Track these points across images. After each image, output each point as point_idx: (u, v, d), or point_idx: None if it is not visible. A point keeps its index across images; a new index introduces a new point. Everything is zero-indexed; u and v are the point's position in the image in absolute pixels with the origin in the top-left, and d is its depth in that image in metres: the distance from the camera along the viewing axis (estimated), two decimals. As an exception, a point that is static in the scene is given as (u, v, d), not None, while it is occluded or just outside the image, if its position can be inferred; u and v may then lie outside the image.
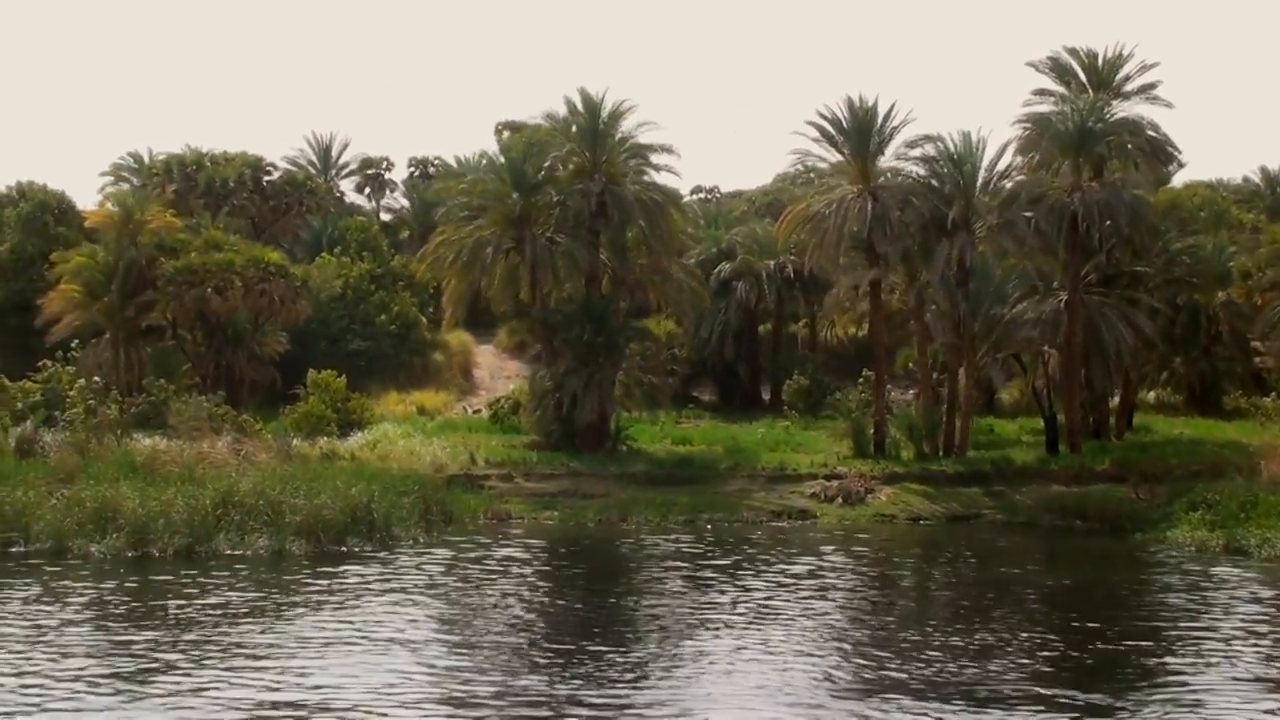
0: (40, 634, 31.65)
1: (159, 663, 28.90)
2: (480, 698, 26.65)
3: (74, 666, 28.51)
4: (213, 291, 64.03)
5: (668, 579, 40.83)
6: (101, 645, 30.78)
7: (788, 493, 54.13)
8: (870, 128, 58.32)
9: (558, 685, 27.49)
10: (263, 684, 27.30)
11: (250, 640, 31.20)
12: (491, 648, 31.17)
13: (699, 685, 27.89)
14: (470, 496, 52.33)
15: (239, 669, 28.48)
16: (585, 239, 59.06)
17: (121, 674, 27.99)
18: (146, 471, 49.85)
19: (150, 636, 31.49)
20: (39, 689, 26.75)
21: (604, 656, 30.12)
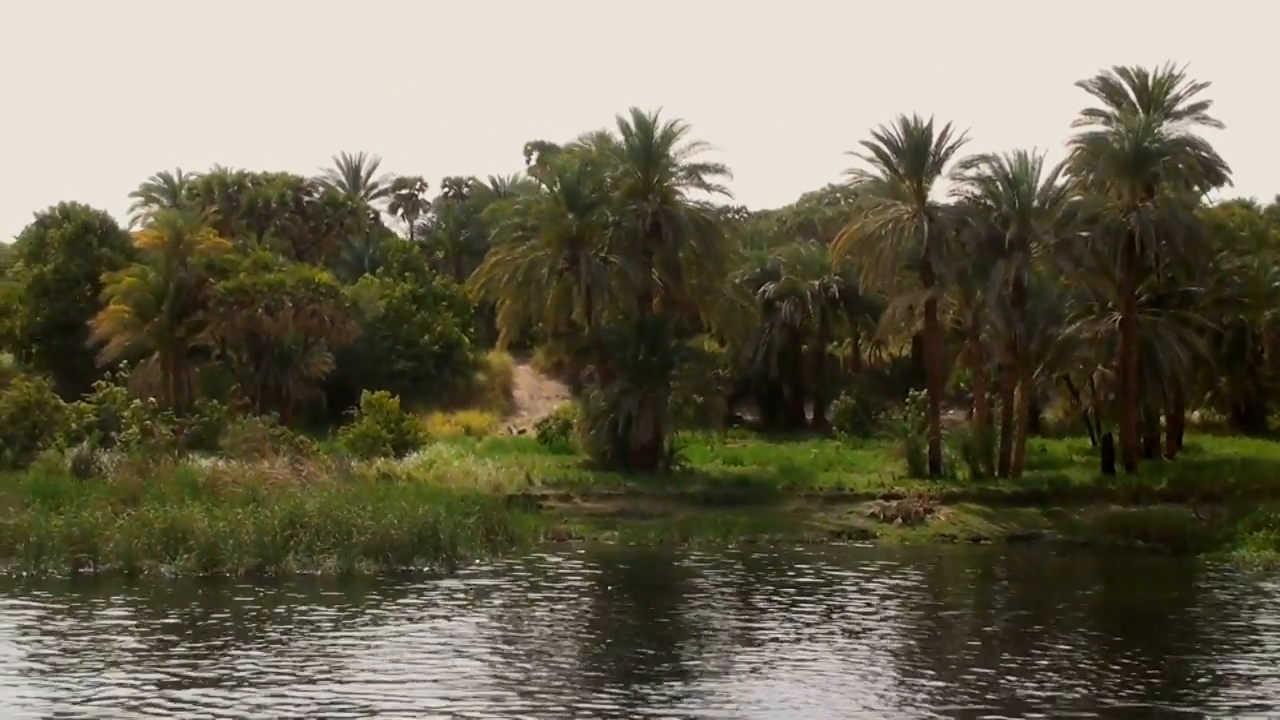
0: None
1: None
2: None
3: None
4: (264, 312, 64.18)
5: (734, 598, 40.78)
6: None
7: (846, 513, 54.10)
8: (925, 147, 58.43)
9: (635, 702, 27.54)
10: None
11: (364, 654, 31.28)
12: (571, 666, 31.28)
13: (769, 702, 27.83)
14: (529, 517, 52.30)
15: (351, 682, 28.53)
16: (639, 259, 59.11)
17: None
18: (208, 492, 49.95)
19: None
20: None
21: (678, 673, 30.39)
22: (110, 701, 27.65)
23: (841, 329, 78.83)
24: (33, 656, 31.92)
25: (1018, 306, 56.66)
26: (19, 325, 78.30)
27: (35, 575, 42.66)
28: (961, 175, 58.51)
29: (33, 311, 77.54)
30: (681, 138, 60.46)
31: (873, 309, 74.19)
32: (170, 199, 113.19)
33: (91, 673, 30.13)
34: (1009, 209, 57.10)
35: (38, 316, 77.17)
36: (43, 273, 76.58)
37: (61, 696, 28.10)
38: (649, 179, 60.34)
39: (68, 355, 74.40)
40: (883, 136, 58.84)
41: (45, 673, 30.32)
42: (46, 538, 43.93)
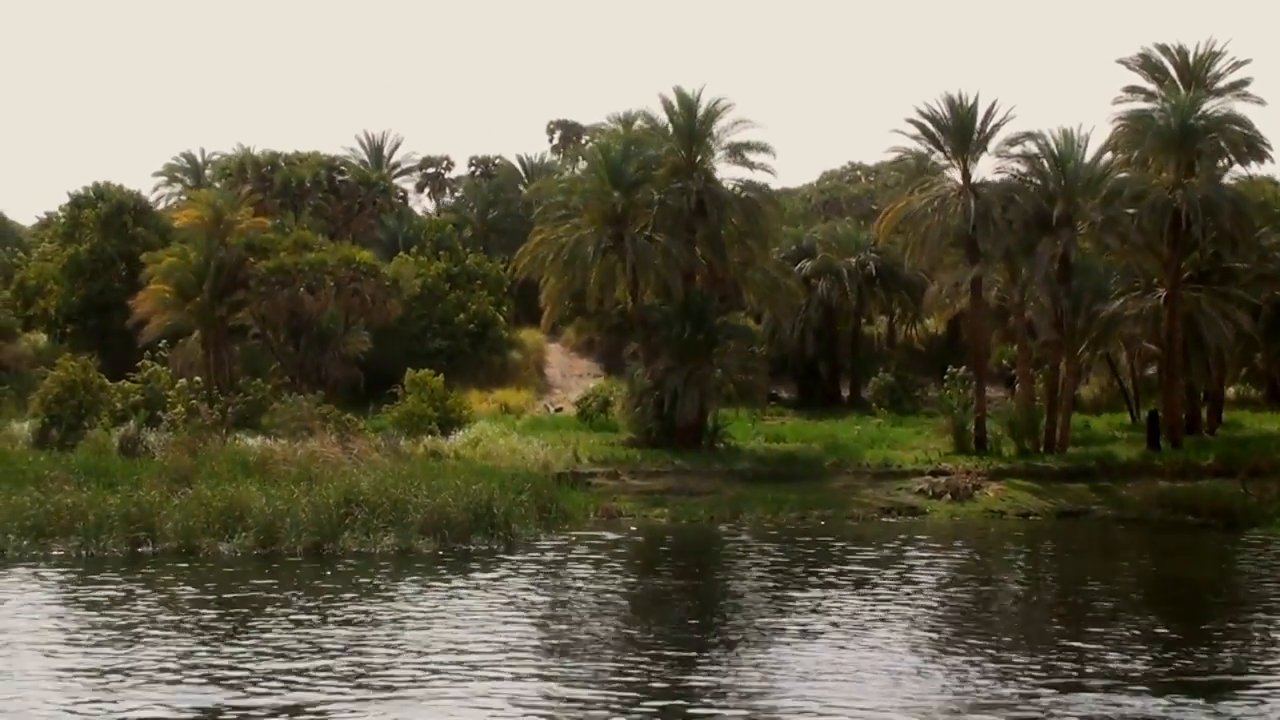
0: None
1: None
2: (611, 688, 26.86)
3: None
4: (305, 291, 64.22)
5: (788, 574, 40.55)
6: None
7: (895, 489, 54.19)
8: (970, 125, 58.41)
9: (696, 676, 27.74)
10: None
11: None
12: (626, 636, 31.33)
13: (815, 674, 27.94)
14: (579, 494, 52.40)
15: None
16: (683, 237, 59.10)
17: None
18: (259, 471, 50.08)
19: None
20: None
21: (728, 643, 30.74)
22: (235, 660, 27.84)
23: (877, 306, 78.75)
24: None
25: (1063, 283, 56.71)
26: (54, 305, 78.34)
27: (94, 554, 42.72)
28: (1006, 153, 58.47)
29: (67, 292, 77.58)
30: (724, 116, 60.45)
31: (909, 286, 74.25)
32: (193, 178, 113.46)
33: (211, 637, 30.31)
34: (1055, 186, 57.00)
35: (73, 297, 77.22)
36: (78, 253, 76.56)
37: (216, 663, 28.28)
38: (692, 157, 60.26)
39: (102, 335, 74.45)
40: (927, 114, 58.82)
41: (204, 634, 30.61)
42: (105, 517, 44.11)
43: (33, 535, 43.70)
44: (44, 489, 46.56)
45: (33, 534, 43.76)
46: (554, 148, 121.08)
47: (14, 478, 48.14)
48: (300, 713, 25.06)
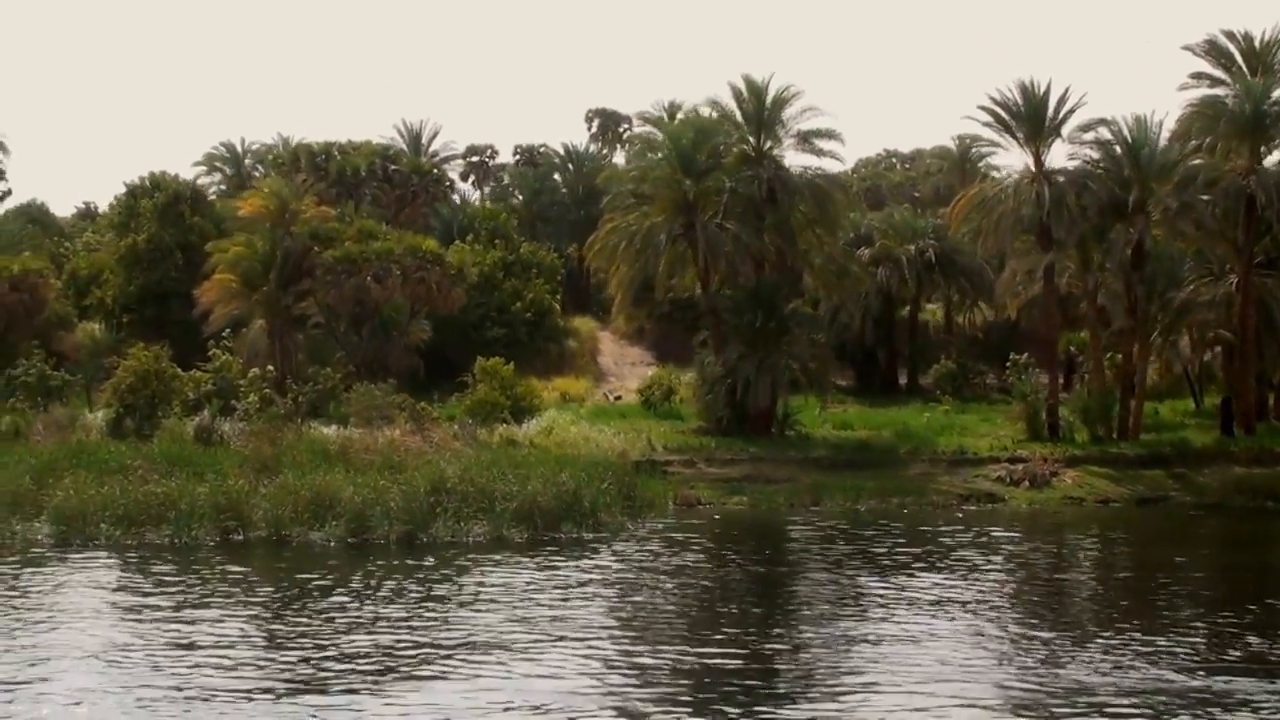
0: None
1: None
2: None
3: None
4: (372, 280, 64.32)
5: (874, 560, 40.52)
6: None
7: (971, 476, 54.22)
8: (1043, 112, 58.28)
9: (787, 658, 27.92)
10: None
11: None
12: (714, 621, 31.47)
13: (914, 660, 28.06)
14: (657, 482, 52.41)
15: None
16: (753, 224, 59.08)
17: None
18: (340, 459, 50.22)
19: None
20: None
21: (817, 625, 31.28)
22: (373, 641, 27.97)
23: (935, 293, 78.61)
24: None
25: (1137, 270, 56.67)
26: (110, 296, 78.49)
27: (187, 542, 42.91)
28: (1079, 139, 58.42)
29: (124, 281, 77.73)
30: (793, 103, 60.38)
31: (968, 273, 74.26)
32: (233, 168, 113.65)
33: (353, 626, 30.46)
34: (1130, 173, 56.92)
35: (130, 286, 77.36)
36: (135, 243, 76.68)
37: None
38: (760, 144, 60.26)
39: (160, 325, 74.59)
40: (999, 100, 58.73)
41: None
42: (196, 506, 44.28)
43: (125, 524, 43.89)
44: (129, 478, 46.87)
45: (124, 523, 43.95)
46: (593, 136, 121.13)
47: (98, 467, 48.37)
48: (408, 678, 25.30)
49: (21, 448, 52.94)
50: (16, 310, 70.56)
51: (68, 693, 25.76)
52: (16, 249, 77.91)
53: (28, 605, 33.93)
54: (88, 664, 27.93)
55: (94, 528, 43.66)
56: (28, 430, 56.49)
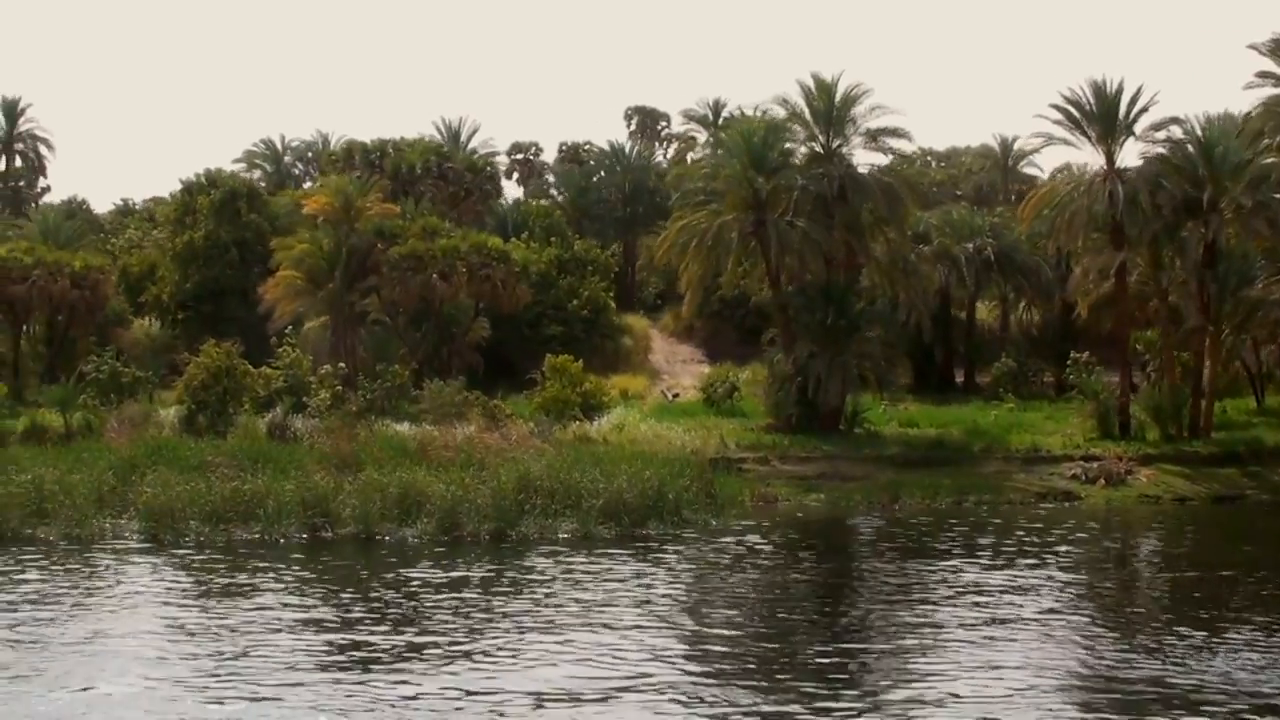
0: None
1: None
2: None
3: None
4: (438, 277, 64.48)
5: (960, 557, 40.43)
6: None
7: (1047, 474, 54.31)
8: (1115, 110, 58.31)
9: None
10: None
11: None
12: (811, 620, 31.54)
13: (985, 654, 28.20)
14: (733, 479, 52.45)
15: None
16: (824, 223, 59.16)
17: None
18: (419, 456, 50.36)
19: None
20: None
21: (907, 628, 31.15)
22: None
23: (994, 292, 78.50)
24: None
25: (1209, 268, 56.70)
26: (167, 292, 78.71)
27: (276, 539, 43.05)
28: (1152, 138, 58.44)
29: (181, 278, 77.96)
30: (862, 101, 60.48)
31: (1025, 271, 74.27)
32: (273, 164, 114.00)
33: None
34: (1203, 171, 56.93)
35: (186, 283, 77.59)
36: (193, 239, 76.89)
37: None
38: (830, 142, 60.36)
39: (215, 321, 74.86)
40: (1071, 99, 58.76)
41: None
42: (283, 502, 44.44)
43: (213, 521, 44.05)
44: (213, 475, 47.06)
45: (213, 520, 44.11)
46: (632, 134, 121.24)
47: (179, 464, 48.59)
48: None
49: (97, 444, 53.20)
50: (79, 307, 70.89)
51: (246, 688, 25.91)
52: (74, 246, 78.09)
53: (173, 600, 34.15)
54: (270, 653, 28.08)
55: (183, 524, 43.79)
56: (101, 427, 56.73)
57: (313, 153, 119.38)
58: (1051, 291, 74.80)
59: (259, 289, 68.01)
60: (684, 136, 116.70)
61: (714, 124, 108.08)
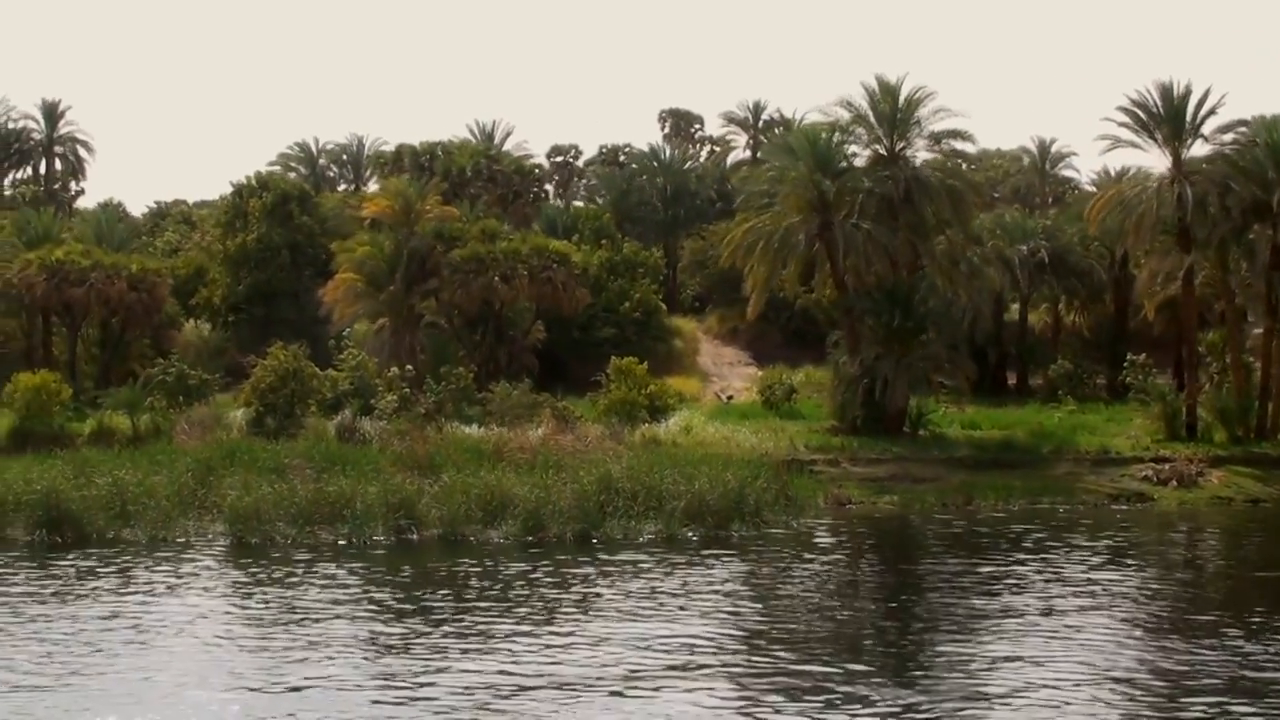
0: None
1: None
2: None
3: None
4: (499, 280, 64.62)
5: (1049, 560, 40.60)
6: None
7: (1117, 476, 54.35)
8: (1183, 112, 58.39)
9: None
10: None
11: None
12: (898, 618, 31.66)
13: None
14: (805, 481, 52.53)
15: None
16: (889, 224, 59.26)
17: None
18: (494, 458, 50.51)
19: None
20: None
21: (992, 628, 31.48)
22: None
23: (1042, 294, 78.40)
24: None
25: (1277, 270, 56.78)
26: (218, 295, 78.85)
27: (364, 542, 43.24)
28: (1220, 140, 58.49)
29: (233, 280, 78.11)
30: (926, 104, 60.57)
31: (1078, 273, 74.30)
32: (308, 167, 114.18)
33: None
34: (1272, 174, 56.96)
35: (239, 285, 77.75)
36: (245, 242, 77.02)
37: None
38: (893, 145, 60.48)
39: (267, 324, 75.00)
40: (1138, 101, 58.85)
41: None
42: (369, 505, 44.60)
43: (299, 524, 44.23)
44: (294, 478, 47.26)
45: (299, 522, 44.30)
46: (666, 136, 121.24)
47: (256, 466, 48.77)
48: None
49: (168, 447, 53.33)
50: (135, 309, 70.92)
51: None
52: (127, 248, 78.23)
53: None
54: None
55: (270, 526, 44.00)
56: (169, 429, 56.89)
57: (347, 155, 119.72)
58: (1104, 294, 74.85)
59: (318, 292, 68.14)
60: (720, 139, 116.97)
61: (754, 126, 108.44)
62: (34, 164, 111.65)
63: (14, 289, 70.79)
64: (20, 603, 34.48)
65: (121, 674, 27.62)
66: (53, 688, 26.64)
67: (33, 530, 44.57)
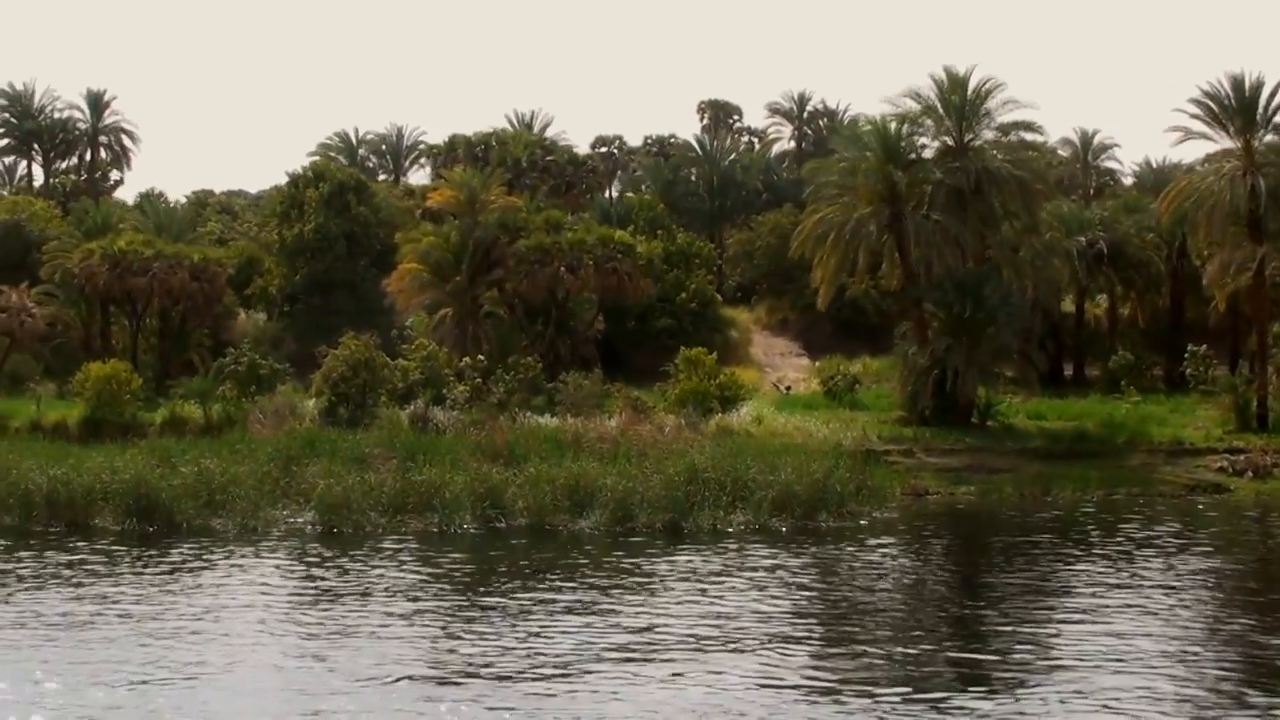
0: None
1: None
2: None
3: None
4: (565, 270, 64.79)
5: (1160, 548, 40.79)
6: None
7: (1192, 466, 54.40)
8: (1255, 104, 58.46)
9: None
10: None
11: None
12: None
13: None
14: (880, 471, 52.56)
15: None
16: (958, 216, 59.34)
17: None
18: (574, 449, 50.70)
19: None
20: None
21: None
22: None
23: (1099, 285, 78.41)
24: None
25: (1348, 261, 56.95)
26: (274, 285, 79.06)
27: (453, 530, 43.47)
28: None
29: (290, 271, 78.33)
30: (995, 95, 60.68)
31: (1136, 264, 74.33)
32: (349, 157, 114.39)
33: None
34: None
35: (295, 276, 77.97)
36: (303, 232, 77.21)
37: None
38: (962, 136, 60.57)
39: (324, 314, 75.29)
40: (1210, 93, 58.91)
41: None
42: (458, 494, 44.82)
43: (390, 512, 44.48)
44: (379, 467, 47.56)
45: (390, 511, 44.55)
46: (705, 128, 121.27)
47: (340, 455, 49.05)
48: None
49: (245, 436, 53.59)
50: (197, 299, 71.26)
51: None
52: (187, 238, 78.55)
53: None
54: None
55: (361, 515, 44.23)
56: (242, 419, 57.15)
57: (386, 146, 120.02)
58: (1160, 285, 74.91)
59: (375, 282, 68.39)
60: (758, 130, 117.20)
61: (798, 118, 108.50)
62: (79, 154, 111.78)
63: (74, 278, 71.18)
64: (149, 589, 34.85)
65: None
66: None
67: (123, 519, 44.80)
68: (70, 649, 28.68)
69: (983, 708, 24.36)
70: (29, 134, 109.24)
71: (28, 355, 69.31)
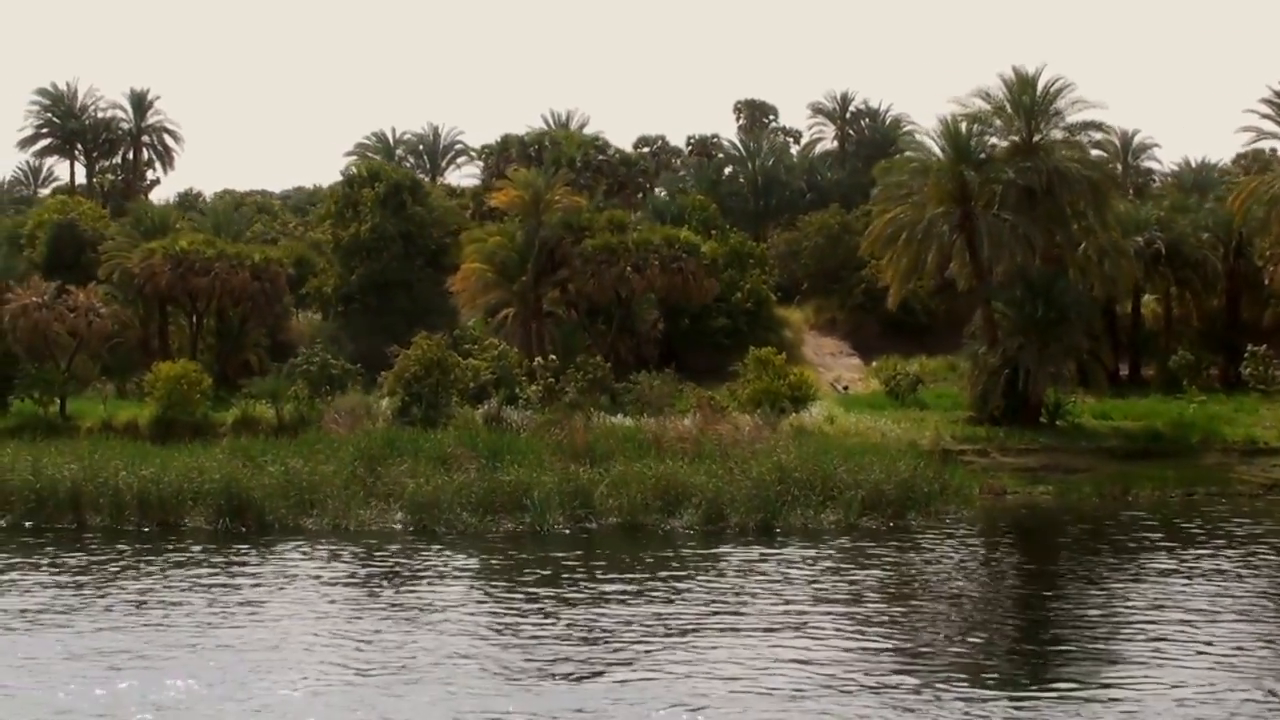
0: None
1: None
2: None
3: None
4: (631, 269, 64.93)
5: (1230, 548, 40.94)
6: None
7: (1269, 466, 54.50)
8: (1328, 104, 58.69)
9: None
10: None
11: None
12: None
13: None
14: (958, 471, 52.63)
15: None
16: (1028, 215, 59.41)
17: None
18: (654, 449, 50.87)
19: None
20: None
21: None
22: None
23: (1155, 285, 78.34)
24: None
25: None
26: (330, 285, 79.12)
27: (545, 530, 43.72)
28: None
29: (345, 271, 78.38)
30: (1064, 95, 60.74)
31: (1193, 264, 74.27)
32: (386, 157, 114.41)
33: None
34: None
35: (351, 276, 77.99)
36: (359, 232, 77.22)
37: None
38: (1031, 135, 60.67)
39: (380, 314, 75.31)
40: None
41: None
42: (547, 494, 45.03)
43: (480, 512, 44.73)
44: (466, 466, 47.81)
45: (479, 511, 44.80)
46: (741, 127, 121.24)
47: (423, 455, 49.23)
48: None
49: (322, 436, 53.69)
50: (258, 299, 71.42)
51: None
52: (243, 237, 78.69)
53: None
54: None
55: (452, 515, 44.49)
56: (315, 418, 57.35)
57: (423, 146, 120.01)
58: (1217, 284, 74.92)
59: (434, 282, 68.53)
60: (794, 130, 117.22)
61: (841, 117, 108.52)
62: (122, 153, 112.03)
63: (134, 278, 71.33)
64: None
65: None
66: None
67: (215, 519, 45.12)
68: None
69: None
70: (72, 134, 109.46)
71: (86, 356, 69.45)
